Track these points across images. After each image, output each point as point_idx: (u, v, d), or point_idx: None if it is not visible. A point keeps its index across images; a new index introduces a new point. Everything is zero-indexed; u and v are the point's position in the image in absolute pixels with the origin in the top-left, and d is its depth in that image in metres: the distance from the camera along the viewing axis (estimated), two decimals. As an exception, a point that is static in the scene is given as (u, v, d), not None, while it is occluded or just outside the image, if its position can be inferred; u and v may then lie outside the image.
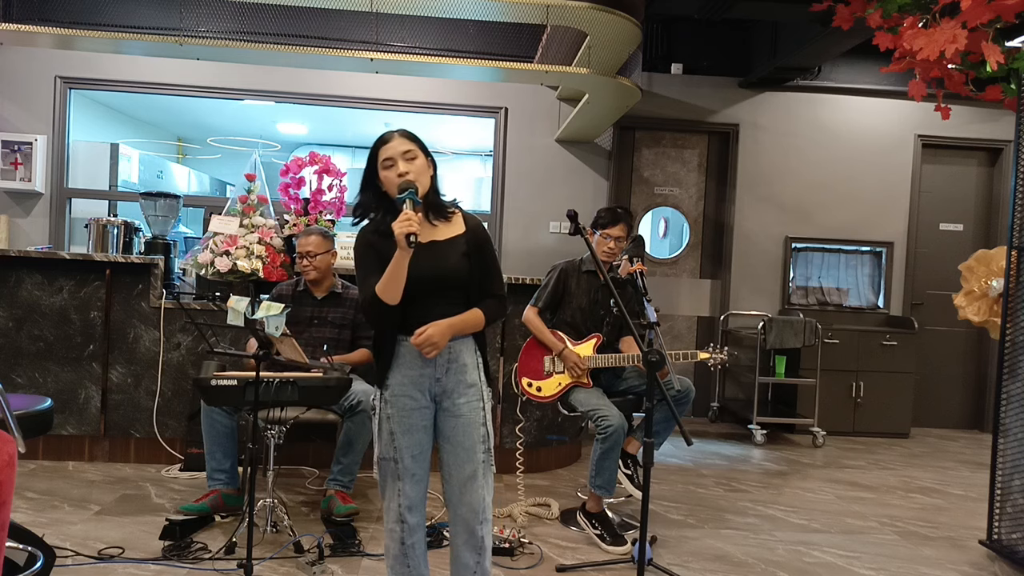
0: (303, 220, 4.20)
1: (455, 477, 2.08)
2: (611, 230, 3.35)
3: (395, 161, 2.03)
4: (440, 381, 2.08)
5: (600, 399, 3.25)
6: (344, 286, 3.67)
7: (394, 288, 1.98)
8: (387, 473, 2.08)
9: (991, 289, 3.37)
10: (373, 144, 2.08)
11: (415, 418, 2.07)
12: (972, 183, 6.47)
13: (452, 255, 2.08)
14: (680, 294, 6.28)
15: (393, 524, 2.08)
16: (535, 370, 3.40)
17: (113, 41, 4.50)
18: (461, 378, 2.09)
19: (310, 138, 8.36)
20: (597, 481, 3.20)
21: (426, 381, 2.07)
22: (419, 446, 2.08)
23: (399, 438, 2.06)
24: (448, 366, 2.08)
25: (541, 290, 3.49)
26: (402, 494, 2.07)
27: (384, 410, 2.08)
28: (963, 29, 2.85)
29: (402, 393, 2.07)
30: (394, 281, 1.97)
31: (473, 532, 2.07)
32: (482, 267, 2.13)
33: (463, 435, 2.07)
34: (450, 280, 2.07)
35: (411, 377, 2.07)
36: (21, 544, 2.34)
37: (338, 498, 3.23)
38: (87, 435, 4.05)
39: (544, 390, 3.37)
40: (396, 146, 2.04)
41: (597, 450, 3.16)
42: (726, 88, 6.19)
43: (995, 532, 3.22)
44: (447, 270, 2.06)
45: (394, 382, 2.07)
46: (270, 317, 2.68)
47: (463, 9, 4.09)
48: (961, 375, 6.43)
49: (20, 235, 5.53)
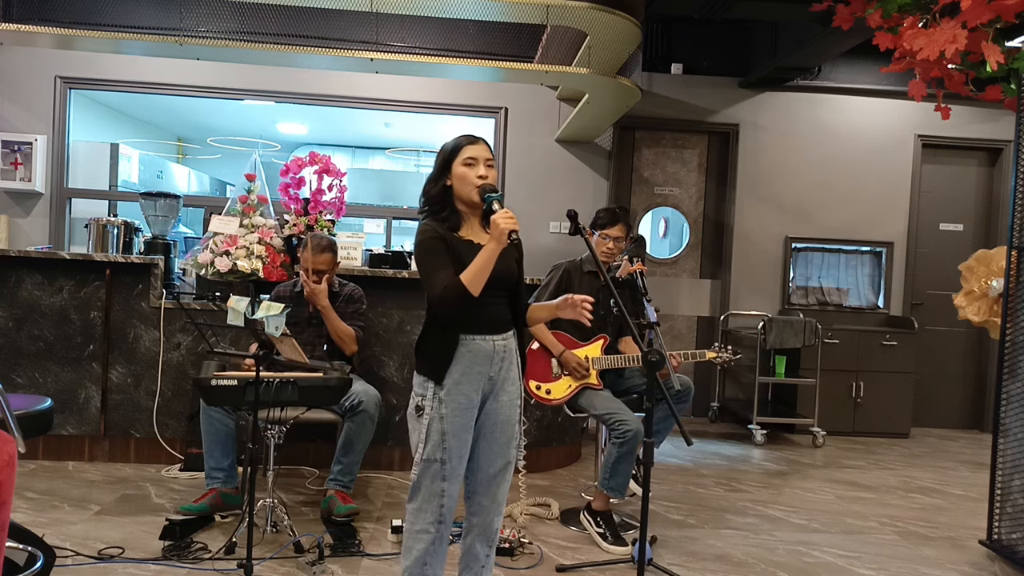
0: (303, 220, 4.20)
1: (484, 471, 2.13)
2: (610, 230, 3.35)
3: (478, 162, 2.09)
4: (492, 379, 2.11)
5: (615, 402, 3.25)
6: (340, 284, 3.68)
7: (483, 279, 2.01)
8: (430, 475, 2.05)
9: (991, 289, 3.37)
10: (455, 140, 2.15)
11: (467, 417, 2.07)
12: (972, 183, 6.47)
13: (509, 260, 2.13)
14: (680, 294, 6.28)
15: (428, 525, 2.06)
16: (543, 373, 3.37)
17: (113, 41, 4.50)
18: (508, 375, 2.14)
19: (310, 138, 8.37)
20: (611, 483, 3.19)
21: (482, 380, 2.09)
22: (466, 446, 2.09)
23: (450, 439, 2.04)
24: (502, 364, 2.12)
25: (542, 289, 3.48)
26: (446, 495, 2.06)
27: (438, 409, 2.04)
28: (963, 29, 2.85)
29: (458, 392, 2.06)
30: (484, 271, 2.00)
31: (490, 524, 2.14)
32: (521, 275, 2.22)
33: (500, 431, 2.13)
34: (508, 283, 2.14)
35: (470, 376, 2.07)
36: (21, 544, 2.33)
37: (338, 498, 3.23)
38: (87, 435, 4.05)
39: (554, 393, 3.35)
40: (482, 151, 2.13)
41: (613, 453, 3.14)
42: (726, 88, 6.19)
43: (995, 532, 3.22)
44: (508, 272, 2.13)
45: (451, 381, 2.05)
46: (270, 317, 2.68)
47: (463, 9, 4.09)
48: (961, 375, 6.43)
49: (20, 235, 5.53)
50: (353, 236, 4.99)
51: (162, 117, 7.65)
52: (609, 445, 3.19)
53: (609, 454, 3.18)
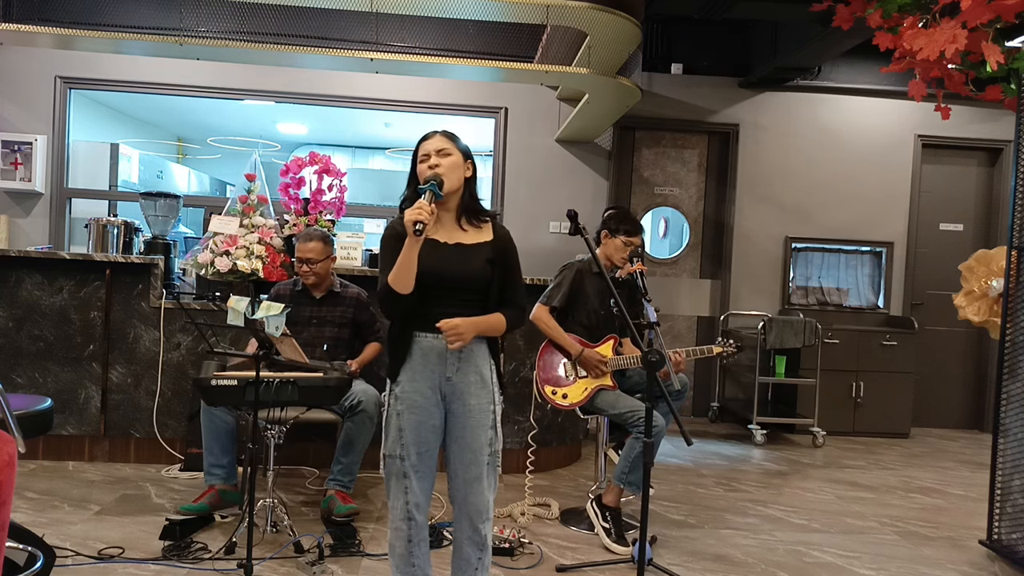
0: (303, 220, 4.20)
1: (460, 477, 2.10)
2: (635, 239, 3.40)
3: (430, 156, 2.10)
4: (451, 380, 2.09)
5: (632, 400, 3.27)
6: (343, 285, 3.67)
7: (404, 276, 1.99)
8: (393, 470, 2.08)
9: (991, 289, 3.37)
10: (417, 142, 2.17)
11: (424, 415, 2.07)
12: (972, 183, 6.47)
13: (476, 259, 2.11)
14: (680, 294, 6.28)
15: (400, 522, 2.08)
16: (555, 377, 3.35)
17: (113, 41, 4.50)
18: (472, 379, 2.10)
19: (310, 138, 8.37)
20: (630, 477, 3.19)
21: (437, 379, 2.08)
22: (426, 444, 2.08)
23: (407, 434, 2.06)
24: (459, 365, 2.09)
25: (554, 289, 3.42)
26: (409, 491, 2.07)
27: (394, 406, 2.08)
28: (963, 29, 2.85)
29: (413, 390, 2.07)
30: (403, 268, 1.98)
31: (477, 530, 2.11)
32: (505, 276, 2.17)
33: (471, 436, 2.09)
34: (471, 283, 2.10)
35: (423, 374, 2.07)
36: (21, 544, 2.34)
37: (338, 498, 3.23)
38: (87, 435, 4.05)
39: (571, 397, 3.32)
40: (433, 143, 2.13)
41: (636, 447, 3.15)
42: (726, 88, 6.19)
43: (995, 532, 3.22)
44: (470, 272, 2.09)
45: (405, 378, 2.08)
46: (270, 317, 2.68)
47: (463, 9, 4.09)
48: (961, 375, 6.43)
49: (20, 235, 5.53)
50: (353, 236, 4.98)
51: (162, 117, 7.65)
52: (631, 440, 3.19)
53: (631, 448, 3.18)
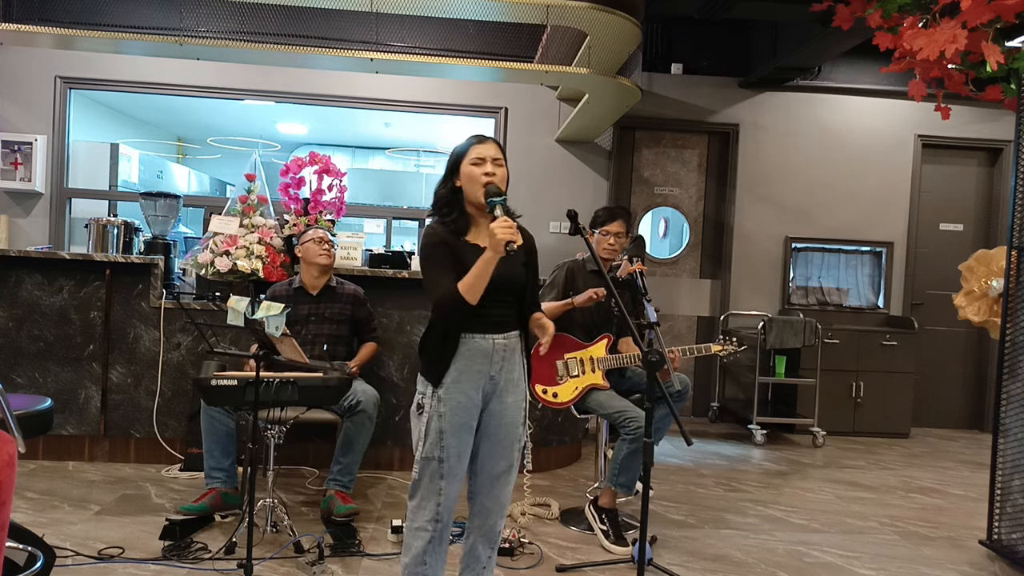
0: (303, 220, 4.20)
1: (487, 471, 2.14)
2: (609, 226, 3.38)
3: (485, 161, 2.09)
4: (494, 379, 2.10)
5: (623, 401, 3.27)
6: (339, 282, 3.69)
7: (480, 288, 2.00)
8: (428, 473, 2.07)
9: (991, 289, 3.37)
10: (467, 140, 2.16)
11: (466, 416, 2.07)
12: (972, 183, 6.47)
13: (515, 263, 2.12)
14: (680, 294, 6.28)
15: (426, 523, 2.08)
16: (548, 376, 3.37)
17: (113, 41, 4.50)
18: (511, 376, 2.13)
19: (310, 138, 8.37)
20: (620, 479, 3.21)
21: (482, 379, 2.08)
22: (465, 445, 2.09)
23: (448, 437, 2.05)
24: (503, 364, 2.10)
25: (548, 287, 3.49)
26: (443, 494, 2.07)
27: (436, 408, 2.06)
28: (963, 29, 2.85)
29: (458, 391, 2.06)
30: (481, 281, 1.99)
31: (493, 526, 2.15)
32: (532, 278, 2.22)
33: (504, 433, 2.12)
34: (513, 285, 2.13)
35: (469, 375, 2.07)
36: (21, 544, 2.33)
37: (338, 498, 3.23)
38: (87, 435, 4.05)
39: (561, 395, 3.35)
40: (490, 149, 2.13)
41: (624, 450, 3.16)
42: (726, 88, 6.19)
43: (995, 532, 3.22)
44: (513, 276, 2.11)
45: (450, 380, 2.06)
46: (270, 317, 2.68)
47: (463, 9, 4.09)
48: (961, 375, 6.43)
49: (20, 235, 5.53)
50: (353, 236, 4.98)
51: (162, 117, 7.65)
52: (620, 442, 3.20)
53: (619, 450, 3.20)
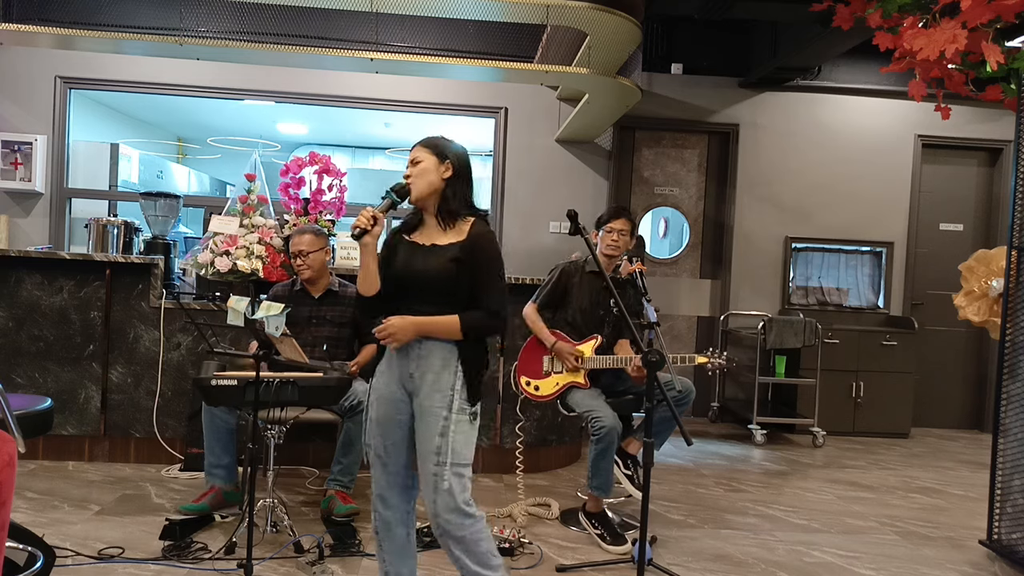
0: (303, 220, 4.20)
1: (421, 472, 2.12)
2: (613, 224, 3.39)
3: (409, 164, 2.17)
4: (412, 378, 2.13)
5: (595, 400, 3.25)
6: (341, 284, 3.66)
7: (362, 279, 2.12)
8: (369, 459, 2.20)
9: (991, 289, 3.37)
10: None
11: (391, 410, 2.15)
12: (972, 183, 6.47)
13: (439, 259, 2.09)
14: (680, 294, 6.28)
15: (373, 513, 2.20)
16: (534, 370, 3.41)
17: (113, 41, 4.50)
18: (428, 379, 2.10)
19: (310, 138, 8.37)
20: (594, 482, 3.21)
21: (400, 374, 2.14)
22: (391, 437, 2.15)
23: (373, 425, 2.17)
24: (418, 363, 2.11)
25: (541, 288, 3.52)
26: (376, 481, 2.18)
27: (370, 398, 2.21)
28: (963, 29, 2.85)
29: (382, 384, 2.18)
30: (362, 271, 2.12)
31: (440, 524, 2.03)
32: (473, 277, 2.09)
33: (422, 438, 2.10)
34: (432, 282, 2.09)
35: (390, 367, 2.17)
36: (21, 544, 2.34)
37: (338, 498, 3.23)
38: (87, 435, 4.05)
39: (542, 389, 3.39)
40: (413, 153, 2.17)
41: (592, 451, 3.17)
42: (726, 88, 6.19)
43: (995, 532, 3.22)
44: (428, 271, 2.10)
45: (378, 372, 2.20)
46: (270, 317, 2.68)
47: (463, 9, 4.10)
48: (961, 375, 6.43)
49: (20, 235, 5.53)
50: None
51: (162, 117, 7.65)
52: (590, 444, 3.19)
53: (590, 453, 3.20)
